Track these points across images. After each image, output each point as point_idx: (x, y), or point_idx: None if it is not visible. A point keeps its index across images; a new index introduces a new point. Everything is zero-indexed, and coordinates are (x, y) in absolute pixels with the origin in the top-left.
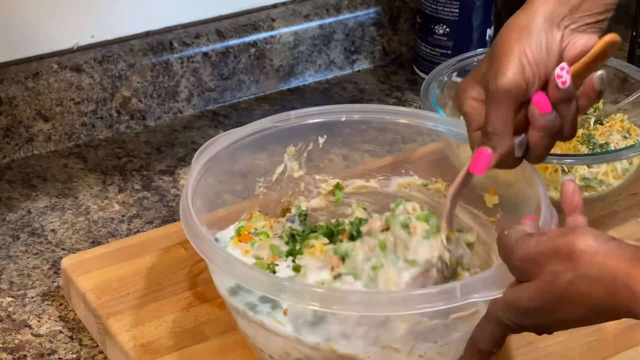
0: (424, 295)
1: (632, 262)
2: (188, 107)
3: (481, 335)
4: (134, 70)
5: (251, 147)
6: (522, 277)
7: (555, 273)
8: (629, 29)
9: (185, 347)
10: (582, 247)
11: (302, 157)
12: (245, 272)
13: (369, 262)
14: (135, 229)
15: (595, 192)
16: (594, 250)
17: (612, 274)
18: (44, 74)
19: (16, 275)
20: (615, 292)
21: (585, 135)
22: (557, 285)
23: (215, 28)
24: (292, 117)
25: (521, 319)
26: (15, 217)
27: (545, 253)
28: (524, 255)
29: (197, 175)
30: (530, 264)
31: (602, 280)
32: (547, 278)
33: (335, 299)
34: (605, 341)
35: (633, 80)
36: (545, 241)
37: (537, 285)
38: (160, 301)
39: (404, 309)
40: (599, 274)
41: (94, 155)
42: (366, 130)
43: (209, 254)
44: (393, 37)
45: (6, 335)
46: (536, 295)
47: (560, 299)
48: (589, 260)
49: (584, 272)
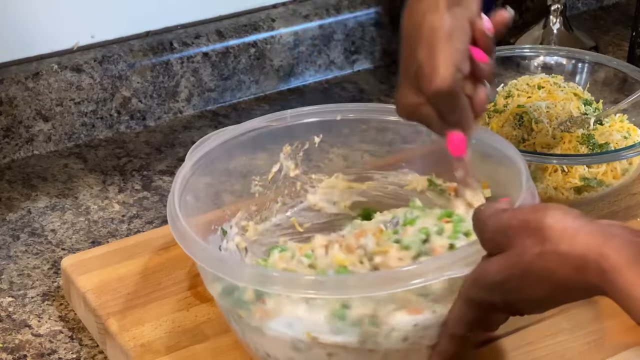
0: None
1: (603, 239)
2: (188, 107)
3: (454, 318)
4: (134, 70)
5: (246, 146)
6: (492, 249)
7: (524, 247)
8: (629, 29)
9: (185, 347)
10: (551, 223)
11: (298, 157)
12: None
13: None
14: (135, 229)
15: (595, 192)
16: (564, 226)
17: (581, 250)
18: (44, 74)
19: (16, 275)
20: (584, 268)
21: (585, 135)
22: (524, 259)
23: (215, 28)
24: (288, 117)
25: (488, 294)
26: (16, 217)
27: (515, 226)
28: (495, 227)
29: (189, 171)
30: (501, 237)
31: (571, 256)
32: (515, 251)
33: (330, 285)
34: (605, 341)
35: (633, 80)
36: (517, 215)
37: (505, 257)
38: (160, 301)
39: (376, 289)
40: (567, 249)
41: (94, 155)
42: (366, 130)
43: (190, 248)
44: (393, 37)
45: (6, 335)
46: (503, 267)
47: (526, 273)
48: (558, 236)
49: (552, 248)
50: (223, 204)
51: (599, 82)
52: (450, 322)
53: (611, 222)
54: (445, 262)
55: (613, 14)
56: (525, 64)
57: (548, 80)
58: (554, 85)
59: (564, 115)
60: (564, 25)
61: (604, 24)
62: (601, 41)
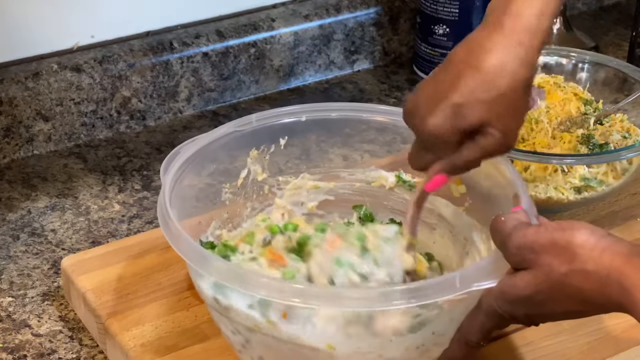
0: (424, 286)
1: (626, 258)
2: (188, 107)
3: (470, 326)
4: (134, 70)
5: (216, 154)
6: (518, 265)
7: (552, 265)
8: (629, 29)
9: (185, 347)
10: (580, 242)
11: (265, 160)
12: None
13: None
14: (135, 229)
15: (595, 192)
16: (592, 246)
17: (606, 269)
18: (44, 74)
19: (16, 275)
20: (607, 286)
21: (585, 135)
22: (552, 277)
23: (215, 28)
24: (253, 121)
25: (514, 308)
26: (16, 217)
27: (542, 244)
28: (521, 243)
29: (170, 185)
30: (528, 253)
31: (596, 274)
32: (543, 269)
33: (324, 295)
34: (605, 341)
35: (633, 80)
36: (544, 232)
37: (533, 274)
38: (160, 301)
39: (400, 303)
40: (594, 268)
41: (94, 155)
42: (366, 130)
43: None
44: (393, 37)
45: (6, 335)
46: (531, 284)
47: (553, 290)
48: (586, 255)
49: (580, 267)
50: (198, 214)
51: (599, 82)
52: (465, 329)
53: (636, 245)
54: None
55: (613, 14)
56: None
57: (548, 80)
58: (554, 85)
59: (564, 115)
60: (564, 25)
61: (604, 24)
62: (601, 41)
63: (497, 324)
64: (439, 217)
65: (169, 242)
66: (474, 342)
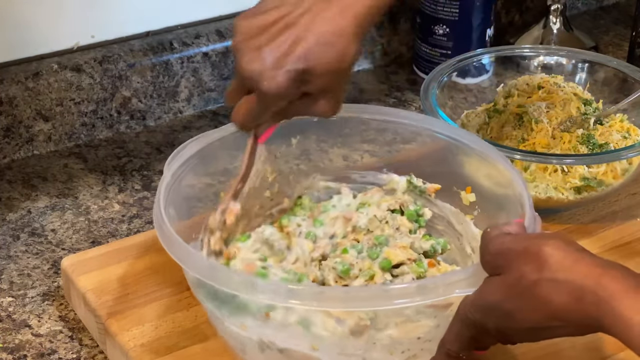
0: (403, 289)
1: (602, 269)
2: (188, 107)
3: (449, 334)
4: (134, 70)
5: (223, 150)
6: (492, 271)
7: (522, 272)
8: (629, 29)
9: (185, 347)
10: (551, 251)
11: (276, 160)
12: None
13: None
14: (135, 229)
15: (595, 192)
16: (563, 255)
17: (579, 280)
18: (44, 74)
19: (16, 275)
20: (580, 298)
21: (585, 135)
22: (521, 283)
23: (215, 28)
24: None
25: (484, 316)
26: (15, 217)
27: (515, 250)
28: (497, 250)
29: (170, 181)
30: (502, 259)
31: (568, 284)
32: (513, 275)
33: (312, 295)
34: (605, 341)
35: (633, 80)
36: (519, 240)
37: (502, 279)
38: (160, 301)
39: (383, 303)
40: (565, 278)
41: (94, 155)
42: (366, 131)
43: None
44: (393, 37)
45: (6, 335)
46: (499, 289)
47: (522, 299)
48: (556, 264)
49: (550, 275)
50: (199, 212)
51: (599, 82)
52: (445, 338)
53: (610, 260)
54: (452, 279)
55: (613, 14)
56: (525, 64)
57: (548, 80)
58: (554, 85)
59: (564, 115)
60: (564, 25)
61: (604, 24)
62: (601, 41)
63: (473, 335)
64: (447, 224)
65: (163, 245)
66: (454, 352)
